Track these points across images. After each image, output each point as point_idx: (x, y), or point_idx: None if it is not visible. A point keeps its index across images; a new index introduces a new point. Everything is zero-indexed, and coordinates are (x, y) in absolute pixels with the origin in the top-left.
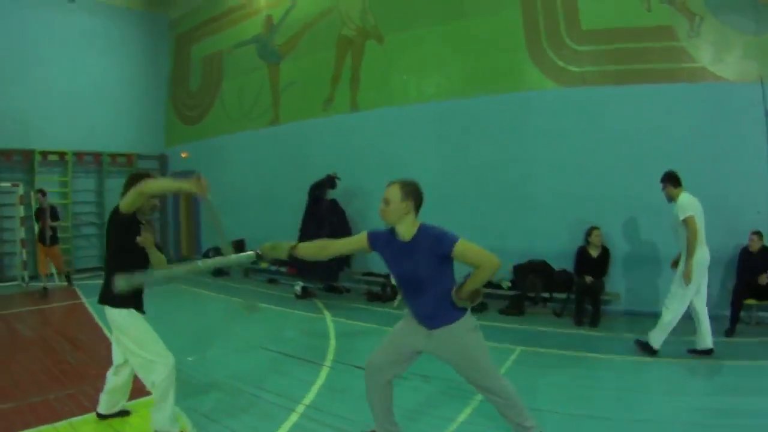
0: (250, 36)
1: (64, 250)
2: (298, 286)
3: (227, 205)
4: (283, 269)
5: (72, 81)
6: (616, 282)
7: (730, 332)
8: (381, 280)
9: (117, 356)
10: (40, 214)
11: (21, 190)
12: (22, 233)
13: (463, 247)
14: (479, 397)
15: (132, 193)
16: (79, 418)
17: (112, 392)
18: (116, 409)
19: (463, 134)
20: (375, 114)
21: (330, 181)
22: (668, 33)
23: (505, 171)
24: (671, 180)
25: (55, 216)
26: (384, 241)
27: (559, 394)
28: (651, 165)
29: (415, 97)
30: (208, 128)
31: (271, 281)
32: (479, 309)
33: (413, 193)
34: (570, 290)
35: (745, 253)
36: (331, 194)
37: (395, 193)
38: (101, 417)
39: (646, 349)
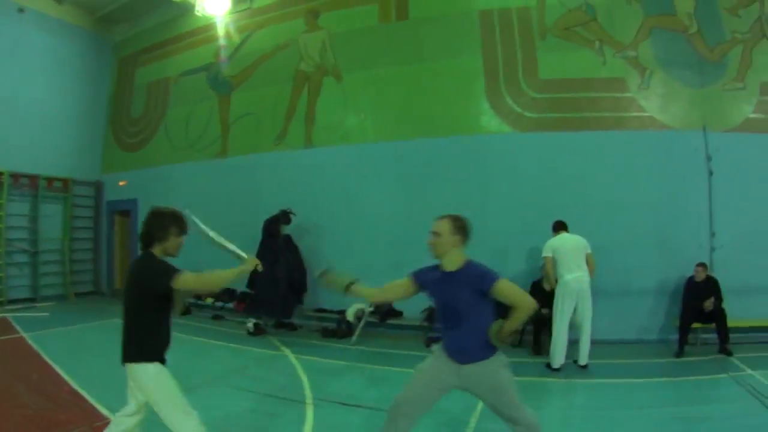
0: (199, 64)
1: None
2: (251, 323)
3: None
4: (229, 305)
5: (8, 96)
6: None
7: (679, 353)
8: (335, 316)
9: (131, 406)
10: None
11: None
12: None
13: (503, 285)
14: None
15: (195, 280)
16: None
17: None
18: None
19: (421, 174)
20: (330, 151)
21: (284, 217)
22: (620, 84)
23: (462, 210)
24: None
25: None
26: (428, 273)
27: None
28: (602, 205)
29: (372, 136)
30: (150, 157)
31: (216, 317)
32: (437, 342)
33: (463, 228)
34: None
35: (690, 283)
36: (285, 230)
37: (446, 226)
38: None
39: (550, 368)
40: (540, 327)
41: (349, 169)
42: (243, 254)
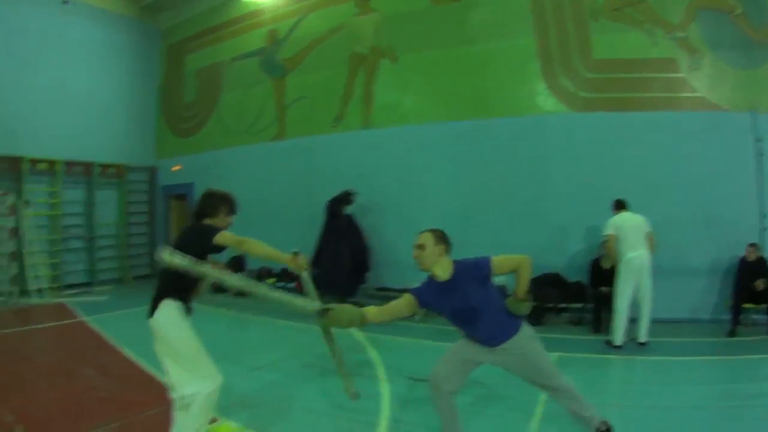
0: (251, 49)
1: (52, 265)
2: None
3: None
4: (290, 285)
5: (61, 87)
6: None
7: (731, 333)
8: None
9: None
10: None
11: (11, 199)
12: (11, 246)
13: (497, 261)
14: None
15: (235, 240)
16: None
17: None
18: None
19: (478, 154)
20: (389, 131)
21: (347, 197)
22: (671, 65)
23: (519, 190)
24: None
25: None
26: (427, 291)
27: (603, 389)
28: (654, 185)
29: (430, 116)
30: (205, 141)
31: None
32: None
33: (443, 237)
34: (584, 300)
35: (743, 263)
36: (347, 210)
37: (428, 238)
38: None
39: (610, 345)
40: (600, 305)
41: (407, 149)
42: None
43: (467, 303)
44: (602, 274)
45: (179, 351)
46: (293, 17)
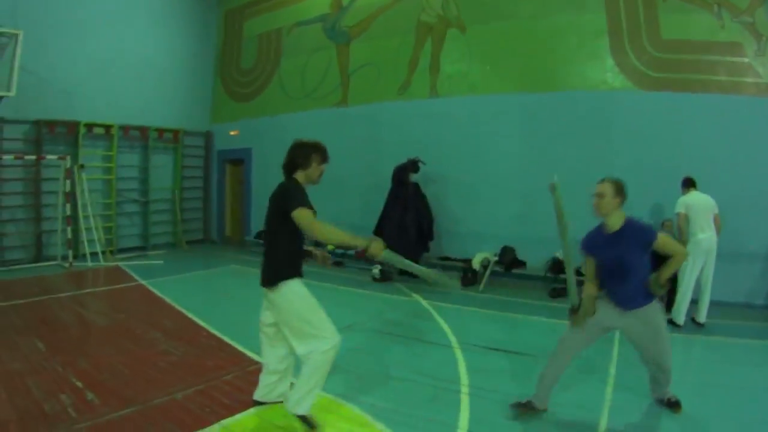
0: (314, 15)
1: (107, 229)
2: (376, 269)
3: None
4: (350, 252)
5: (118, 52)
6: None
7: None
8: (459, 264)
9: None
10: None
11: (68, 162)
12: (67, 210)
13: (663, 238)
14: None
15: (308, 223)
16: (231, 419)
17: (273, 379)
18: (274, 396)
19: (545, 127)
20: (456, 101)
21: (413, 166)
22: (738, 49)
23: (585, 166)
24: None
25: None
26: (594, 239)
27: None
28: (718, 167)
29: (497, 87)
30: (263, 106)
31: (337, 263)
32: (559, 294)
33: (622, 190)
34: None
35: None
36: (413, 178)
37: (609, 188)
38: (258, 404)
39: (673, 323)
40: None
41: (474, 120)
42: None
43: (623, 259)
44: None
45: (304, 317)
46: None
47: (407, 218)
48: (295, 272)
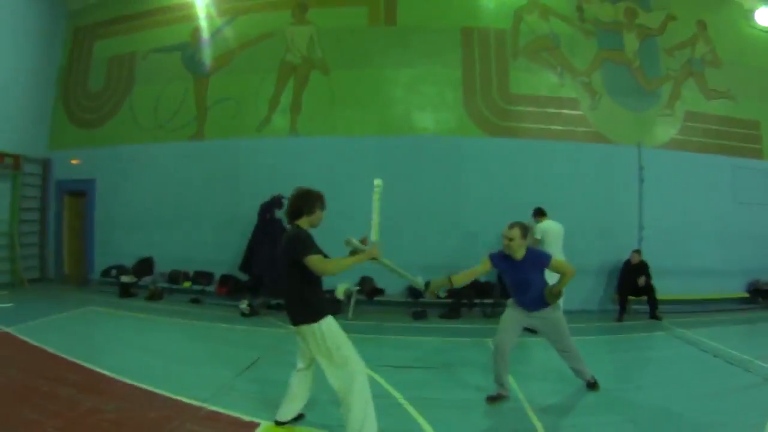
0: (172, 42)
1: None
2: (244, 305)
3: (132, 221)
4: (208, 288)
5: None
6: None
7: (620, 319)
8: (326, 296)
9: (299, 361)
10: None
11: None
12: None
13: (555, 262)
14: None
15: (320, 267)
16: None
17: (293, 399)
18: (294, 415)
19: (401, 168)
20: (316, 141)
21: (278, 202)
22: (575, 104)
23: (439, 202)
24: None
25: None
26: (501, 260)
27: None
28: (556, 202)
29: (358, 130)
30: (112, 134)
31: (195, 301)
32: (420, 316)
33: (527, 232)
34: (493, 297)
35: (627, 265)
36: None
37: (517, 233)
38: (280, 424)
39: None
40: None
41: (335, 159)
42: (363, 246)
43: (527, 278)
44: None
45: (340, 352)
46: (224, 16)
47: (276, 253)
48: (326, 311)
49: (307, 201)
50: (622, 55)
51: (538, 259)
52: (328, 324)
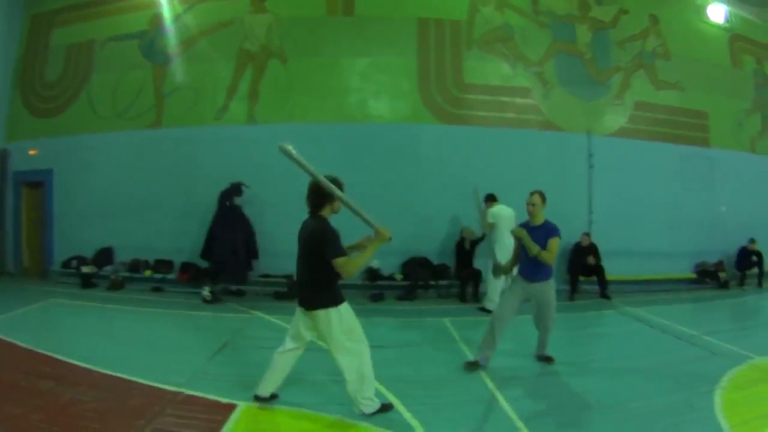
0: (131, 31)
1: None
2: (206, 291)
3: (91, 210)
4: (169, 276)
5: None
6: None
7: (571, 297)
8: (282, 280)
9: (289, 342)
10: None
11: None
12: None
13: (554, 242)
14: None
15: (346, 269)
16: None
17: (274, 375)
18: (273, 390)
19: (358, 154)
20: (273, 128)
21: (237, 189)
22: (527, 93)
23: (395, 187)
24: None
25: None
26: (525, 226)
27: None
28: (508, 186)
29: (315, 117)
30: (69, 124)
31: (156, 289)
32: (378, 298)
33: (545, 199)
34: (448, 278)
35: (577, 247)
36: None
37: (538, 199)
38: (259, 399)
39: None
40: (465, 281)
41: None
42: (375, 224)
43: (538, 243)
44: (465, 254)
45: (353, 335)
46: (183, 4)
47: (237, 240)
48: (342, 297)
49: (327, 192)
50: (574, 46)
51: (552, 230)
52: (346, 308)
